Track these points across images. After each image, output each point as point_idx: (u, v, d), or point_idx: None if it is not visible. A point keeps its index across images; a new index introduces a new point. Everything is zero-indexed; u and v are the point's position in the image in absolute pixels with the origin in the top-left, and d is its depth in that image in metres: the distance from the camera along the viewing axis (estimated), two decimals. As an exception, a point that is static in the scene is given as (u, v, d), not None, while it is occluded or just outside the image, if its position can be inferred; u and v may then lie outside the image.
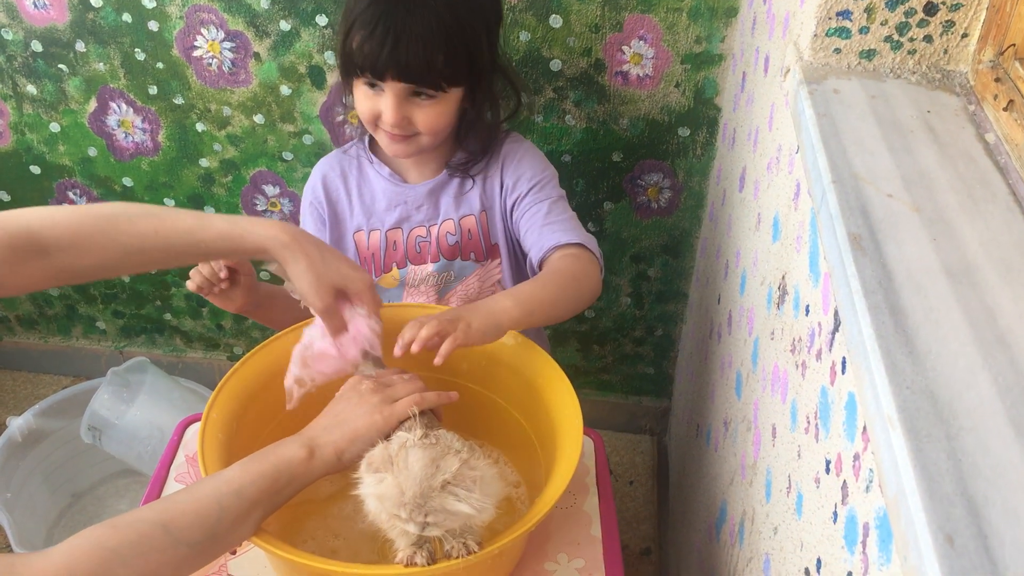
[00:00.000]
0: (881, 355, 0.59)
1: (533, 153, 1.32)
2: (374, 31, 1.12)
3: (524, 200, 1.28)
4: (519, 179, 1.29)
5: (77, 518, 1.85)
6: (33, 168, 1.83)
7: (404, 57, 1.13)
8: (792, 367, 0.90)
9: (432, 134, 1.22)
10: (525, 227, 1.27)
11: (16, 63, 1.68)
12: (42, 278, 0.91)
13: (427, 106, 1.19)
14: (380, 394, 0.97)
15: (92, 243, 0.92)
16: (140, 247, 0.94)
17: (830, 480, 0.74)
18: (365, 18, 1.13)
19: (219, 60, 1.61)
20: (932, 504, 0.50)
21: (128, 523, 0.81)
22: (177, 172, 1.78)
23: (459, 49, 1.15)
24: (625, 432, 2.10)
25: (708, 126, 1.58)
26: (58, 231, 0.91)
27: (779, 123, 1.08)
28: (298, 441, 0.92)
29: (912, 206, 0.72)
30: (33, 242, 0.90)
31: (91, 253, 0.92)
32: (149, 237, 0.94)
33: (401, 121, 1.19)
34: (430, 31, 1.12)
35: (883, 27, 0.89)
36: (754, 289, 1.15)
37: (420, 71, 1.14)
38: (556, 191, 1.29)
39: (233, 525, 0.85)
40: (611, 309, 1.89)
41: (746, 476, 1.10)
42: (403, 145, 1.23)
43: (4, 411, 2.08)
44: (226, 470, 0.89)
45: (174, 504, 0.84)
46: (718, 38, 1.48)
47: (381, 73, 1.14)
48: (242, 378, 1.08)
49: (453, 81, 1.18)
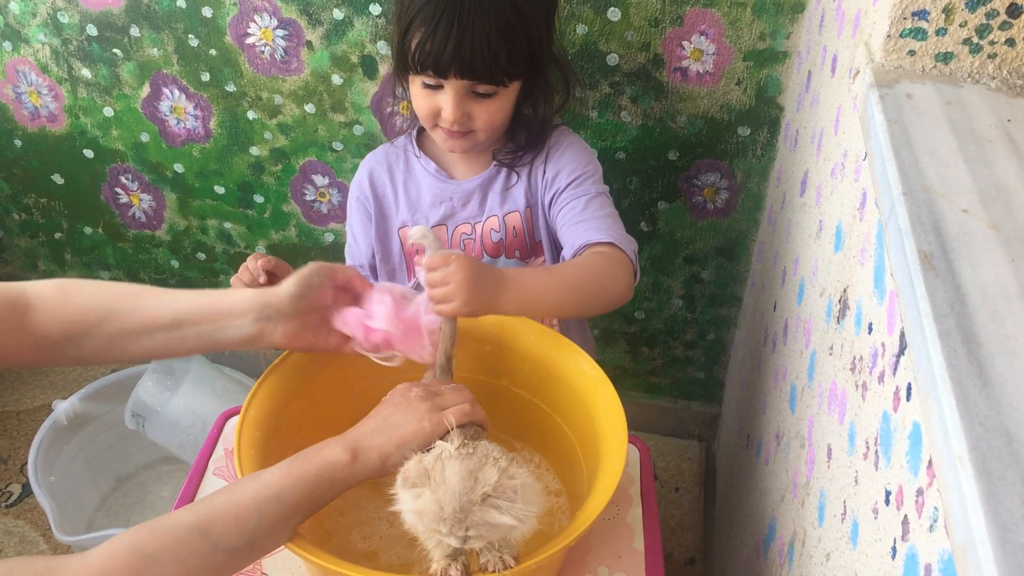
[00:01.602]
0: (952, 386, 0.54)
1: (578, 146, 1.28)
2: (436, 28, 1.09)
3: (562, 194, 1.24)
4: (559, 172, 1.25)
5: (119, 503, 1.86)
6: (87, 152, 1.84)
7: (467, 54, 1.10)
8: (851, 387, 0.85)
9: (490, 130, 1.20)
10: (561, 223, 1.23)
11: (71, 47, 1.69)
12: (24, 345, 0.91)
13: (487, 102, 1.16)
14: (429, 402, 0.94)
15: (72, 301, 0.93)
16: (116, 309, 0.94)
17: (889, 512, 0.69)
18: (425, 15, 1.10)
19: (271, 48, 1.60)
20: (1005, 556, 0.46)
21: (166, 527, 0.79)
22: (228, 160, 1.78)
23: (521, 43, 1.13)
24: (672, 437, 2.05)
25: (769, 126, 1.53)
26: (44, 293, 0.93)
27: (846, 127, 1.02)
28: (342, 444, 0.90)
29: (989, 223, 0.67)
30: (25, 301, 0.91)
31: (69, 315, 0.92)
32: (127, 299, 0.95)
33: (462, 118, 1.16)
34: (493, 26, 1.09)
35: (962, 29, 0.83)
36: (812, 300, 1.10)
37: (483, 68, 1.11)
38: (596, 187, 1.24)
39: (272, 530, 0.84)
40: (662, 311, 1.85)
41: (798, 495, 1.05)
42: (460, 141, 1.21)
43: (52, 394, 2.11)
44: (266, 472, 0.87)
45: (213, 508, 0.82)
46: (783, 35, 1.42)
47: (444, 71, 1.12)
48: (282, 375, 1.07)
49: (514, 76, 1.15)
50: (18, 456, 1.97)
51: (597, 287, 1.10)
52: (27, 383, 2.15)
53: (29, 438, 1.94)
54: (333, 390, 1.11)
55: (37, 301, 0.92)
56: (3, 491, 1.90)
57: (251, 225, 1.88)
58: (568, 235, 1.20)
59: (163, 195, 1.87)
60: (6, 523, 1.83)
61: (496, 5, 1.10)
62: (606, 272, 1.12)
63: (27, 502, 1.87)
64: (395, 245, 1.33)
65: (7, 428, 2.03)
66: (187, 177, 1.83)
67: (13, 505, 1.87)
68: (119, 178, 1.87)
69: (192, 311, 0.96)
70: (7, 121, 1.83)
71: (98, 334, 0.94)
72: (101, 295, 0.95)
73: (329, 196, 1.79)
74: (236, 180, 1.81)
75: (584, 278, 1.10)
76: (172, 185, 1.85)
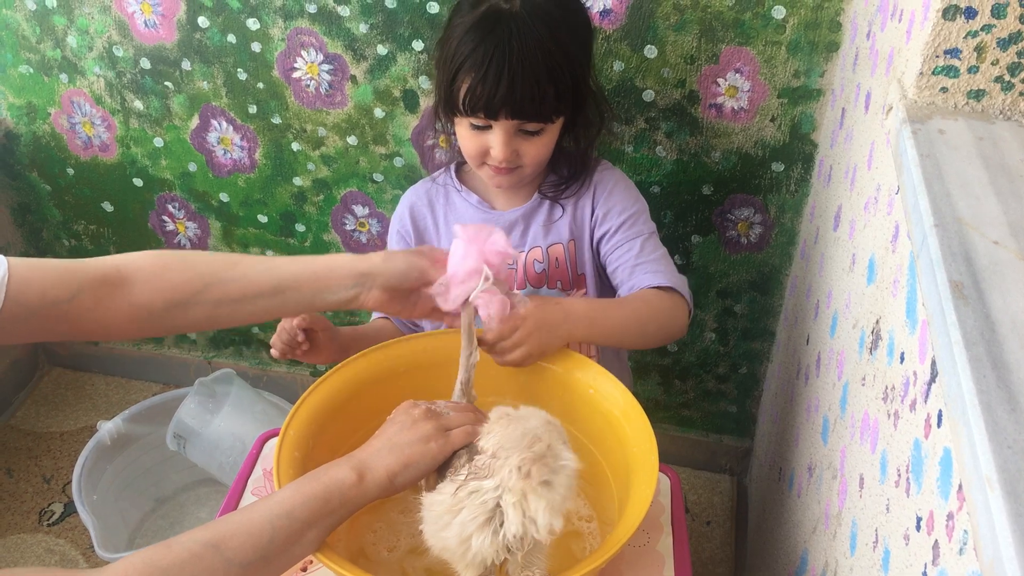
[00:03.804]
0: (981, 411, 0.56)
1: (625, 184, 1.31)
2: (486, 73, 1.12)
3: (615, 236, 1.27)
4: (610, 211, 1.28)
5: (159, 524, 1.89)
6: (136, 180, 1.90)
7: (518, 96, 1.13)
8: (883, 416, 0.86)
9: (536, 165, 1.23)
10: (615, 263, 1.27)
11: (125, 79, 1.75)
12: (124, 317, 0.94)
13: (535, 139, 1.19)
14: (434, 422, 0.96)
15: (171, 273, 0.96)
16: (218, 277, 0.97)
17: (920, 538, 0.70)
18: (475, 60, 1.13)
19: (317, 82, 1.65)
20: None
21: (181, 543, 0.81)
22: (271, 189, 1.83)
23: (566, 79, 1.16)
24: (704, 471, 2.05)
25: (803, 162, 1.55)
26: (142, 265, 0.95)
27: (879, 162, 1.04)
28: (348, 464, 0.91)
29: (1020, 254, 0.69)
30: (119, 275, 0.94)
31: (170, 285, 0.95)
32: (227, 268, 0.97)
33: (511, 156, 1.19)
34: (542, 67, 1.13)
35: (994, 67, 0.85)
36: (845, 332, 1.11)
37: (533, 108, 1.15)
38: (648, 226, 1.29)
39: (285, 545, 0.85)
40: (695, 344, 1.86)
41: (830, 526, 1.05)
42: (508, 177, 1.23)
43: (94, 416, 2.15)
44: (278, 492, 0.89)
45: (226, 525, 0.84)
46: (817, 73, 1.44)
47: (495, 113, 1.15)
48: (321, 396, 1.09)
49: (561, 111, 1.18)
50: (60, 476, 2.01)
51: (660, 325, 1.19)
52: (71, 405, 2.20)
53: (72, 459, 1.99)
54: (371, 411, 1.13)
55: (135, 273, 0.94)
56: (46, 510, 1.94)
57: (292, 253, 1.92)
58: (624, 276, 1.25)
59: (208, 223, 1.93)
60: (48, 541, 1.87)
61: (542, 45, 1.13)
62: (669, 314, 1.20)
63: (68, 521, 1.91)
64: (437, 278, 1.35)
65: (51, 448, 2.08)
66: (232, 206, 1.88)
67: (55, 524, 1.91)
68: (166, 206, 1.93)
69: (294, 277, 1.00)
70: (61, 150, 1.90)
71: (200, 302, 0.96)
72: (200, 262, 0.98)
73: (369, 226, 1.83)
74: (279, 209, 1.86)
75: (651, 317, 1.18)
76: (217, 214, 1.90)
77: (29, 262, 0.90)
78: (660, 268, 1.23)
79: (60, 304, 0.89)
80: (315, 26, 1.58)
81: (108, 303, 0.92)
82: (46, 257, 2.06)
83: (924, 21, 0.87)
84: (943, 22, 0.84)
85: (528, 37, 1.12)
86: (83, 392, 2.24)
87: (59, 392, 2.24)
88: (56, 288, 0.89)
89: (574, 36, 1.18)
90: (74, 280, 0.90)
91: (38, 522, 1.91)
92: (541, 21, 1.13)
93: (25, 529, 1.90)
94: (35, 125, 1.87)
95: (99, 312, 0.92)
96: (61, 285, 0.90)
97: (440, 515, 0.88)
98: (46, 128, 1.87)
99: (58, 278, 0.90)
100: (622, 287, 1.25)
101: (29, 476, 2.01)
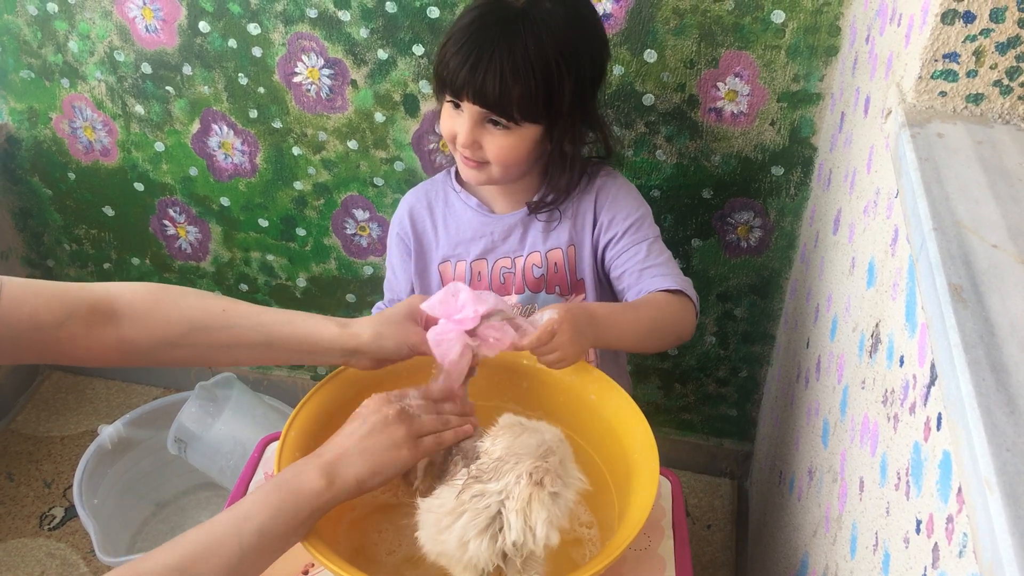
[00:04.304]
0: (980, 413, 0.56)
1: (628, 189, 1.31)
2: (460, 49, 1.14)
3: (620, 241, 1.27)
4: (614, 217, 1.28)
5: (159, 528, 1.89)
6: (137, 185, 1.90)
7: (480, 81, 1.13)
8: (883, 419, 0.87)
9: (501, 165, 1.21)
10: (621, 268, 1.27)
11: (126, 84, 1.75)
12: (111, 349, 0.94)
13: (499, 135, 1.18)
14: (407, 427, 0.95)
15: (161, 313, 0.96)
16: (205, 324, 0.97)
17: (920, 541, 0.70)
18: (458, 35, 1.15)
19: (317, 86, 1.65)
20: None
21: (148, 569, 0.79)
22: (272, 194, 1.83)
23: (537, 88, 1.15)
24: (705, 474, 2.05)
25: (803, 166, 1.55)
26: (132, 300, 0.96)
27: (878, 166, 1.04)
28: (317, 469, 0.90)
29: (1018, 257, 0.69)
30: (110, 307, 0.94)
31: (159, 325, 0.96)
32: (216, 316, 0.98)
33: (472, 144, 1.19)
34: (512, 63, 1.13)
35: (992, 71, 0.86)
36: (845, 335, 1.11)
37: (494, 98, 1.14)
38: (652, 230, 1.29)
39: (255, 562, 0.84)
40: (695, 348, 1.86)
41: (830, 529, 1.05)
42: (475, 172, 1.23)
43: (95, 420, 2.15)
44: (243, 502, 0.87)
45: (192, 546, 0.82)
46: (817, 77, 1.45)
47: (458, 92, 1.16)
48: (321, 399, 1.10)
49: (527, 117, 1.17)
50: (61, 480, 2.01)
51: (671, 327, 1.20)
52: (72, 409, 2.20)
53: (72, 463, 1.99)
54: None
55: (125, 308, 0.95)
56: (47, 514, 1.94)
57: (293, 257, 1.92)
58: (632, 281, 1.25)
59: (209, 227, 1.93)
60: (49, 545, 1.87)
61: (523, 46, 1.13)
62: (680, 316, 1.21)
63: (69, 525, 1.91)
64: (434, 280, 1.36)
65: (51, 453, 2.08)
66: (233, 210, 1.88)
67: (56, 528, 1.91)
68: (167, 211, 1.93)
69: (283, 340, 1.00)
70: (62, 155, 1.90)
71: (188, 344, 0.97)
72: (191, 306, 0.98)
73: (369, 230, 1.83)
74: (280, 213, 1.86)
75: (664, 320, 1.19)
76: (218, 218, 1.90)
77: (23, 283, 0.90)
78: (668, 271, 1.24)
79: (49, 329, 0.90)
80: (316, 31, 1.59)
81: (96, 333, 0.93)
82: (47, 261, 2.07)
83: (923, 25, 0.87)
84: (942, 26, 0.84)
85: (513, 32, 1.13)
86: (84, 396, 2.24)
87: (60, 396, 2.24)
88: (47, 313, 0.90)
89: (565, 51, 1.16)
90: (65, 307, 0.91)
91: (39, 526, 1.91)
92: (538, 24, 1.14)
93: (26, 533, 1.90)
94: (36, 130, 1.88)
95: (87, 341, 0.93)
96: (52, 310, 0.90)
97: (441, 518, 0.88)
98: (47, 133, 1.88)
99: (49, 303, 0.90)
100: (629, 291, 1.25)
101: (30, 480, 2.02)
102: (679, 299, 1.21)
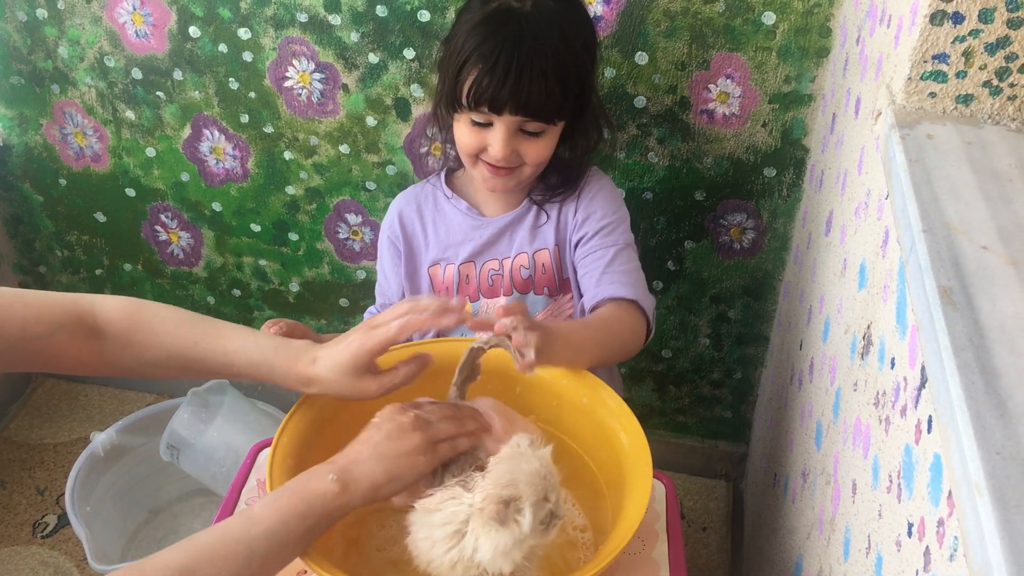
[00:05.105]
0: (970, 416, 0.56)
1: (609, 191, 1.31)
2: (495, 66, 1.12)
3: (590, 242, 1.27)
4: (589, 216, 1.27)
5: (153, 535, 1.88)
6: (128, 191, 1.90)
7: (525, 92, 1.13)
8: (875, 421, 0.86)
9: (537, 166, 1.23)
10: (585, 269, 1.26)
11: (117, 89, 1.75)
12: (96, 363, 0.97)
13: (534, 140, 1.19)
14: (423, 433, 0.93)
15: (139, 336, 0.99)
16: (179, 352, 0.99)
17: (912, 544, 0.70)
18: (483, 53, 1.13)
19: (308, 91, 1.65)
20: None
21: (155, 568, 0.78)
22: (264, 199, 1.83)
23: (573, 82, 1.16)
24: (700, 476, 2.05)
25: (795, 167, 1.55)
26: (113, 319, 0.98)
27: (869, 167, 1.04)
28: (332, 474, 0.88)
29: (1008, 260, 0.69)
30: (94, 322, 0.96)
31: (138, 347, 0.98)
32: (189, 347, 1.00)
33: (511, 155, 1.19)
34: (550, 65, 1.13)
35: (982, 72, 0.85)
36: (837, 337, 1.11)
37: (538, 105, 1.15)
38: (624, 237, 1.28)
39: (263, 567, 0.83)
40: (689, 350, 1.86)
41: (824, 532, 1.05)
42: (505, 179, 1.23)
43: (88, 427, 2.14)
44: (255, 507, 0.86)
45: (201, 548, 0.81)
46: (808, 78, 1.45)
47: (500, 108, 1.14)
48: (314, 405, 1.09)
49: (563, 115, 1.19)
50: (54, 488, 2.00)
51: (623, 343, 1.18)
52: (64, 416, 2.19)
53: (65, 470, 1.98)
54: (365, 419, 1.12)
55: (107, 327, 0.97)
56: (39, 522, 1.93)
57: (285, 262, 1.92)
58: (591, 284, 1.24)
59: (201, 233, 1.92)
60: (42, 553, 1.86)
61: (551, 45, 1.13)
62: (632, 330, 1.18)
63: (62, 533, 1.90)
64: (424, 283, 1.35)
65: (44, 460, 2.07)
66: (225, 215, 1.88)
67: (49, 536, 1.90)
68: (159, 216, 1.92)
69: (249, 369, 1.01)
70: (53, 161, 1.90)
71: (165, 366, 1.00)
72: (166, 335, 0.99)
73: (362, 234, 1.83)
74: (272, 218, 1.85)
75: (615, 335, 1.16)
76: (210, 223, 1.90)
77: (12, 293, 0.91)
78: (628, 280, 1.22)
79: (39, 340, 0.92)
80: (306, 35, 1.58)
81: (82, 345, 0.95)
82: (39, 268, 2.06)
83: (912, 26, 0.87)
84: (931, 27, 0.84)
85: (539, 35, 1.13)
86: (76, 403, 2.23)
87: (52, 403, 2.23)
88: (36, 324, 0.91)
89: (583, 42, 1.19)
90: (54, 318, 0.93)
91: (32, 534, 1.90)
92: (552, 22, 1.15)
93: (19, 541, 1.89)
94: (27, 136, 1.87)
95: (75, 352, 0.95)
96: (41, 321, 0.92)
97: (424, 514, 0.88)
98: (38, 139, 1.87)
99: (39, 314, 0.92)
100: (587, 294, 1.24)
101: (23, 488, 2.01)
102: (630, 312, 1.19)
